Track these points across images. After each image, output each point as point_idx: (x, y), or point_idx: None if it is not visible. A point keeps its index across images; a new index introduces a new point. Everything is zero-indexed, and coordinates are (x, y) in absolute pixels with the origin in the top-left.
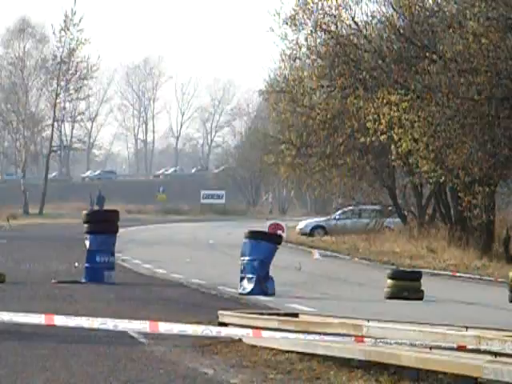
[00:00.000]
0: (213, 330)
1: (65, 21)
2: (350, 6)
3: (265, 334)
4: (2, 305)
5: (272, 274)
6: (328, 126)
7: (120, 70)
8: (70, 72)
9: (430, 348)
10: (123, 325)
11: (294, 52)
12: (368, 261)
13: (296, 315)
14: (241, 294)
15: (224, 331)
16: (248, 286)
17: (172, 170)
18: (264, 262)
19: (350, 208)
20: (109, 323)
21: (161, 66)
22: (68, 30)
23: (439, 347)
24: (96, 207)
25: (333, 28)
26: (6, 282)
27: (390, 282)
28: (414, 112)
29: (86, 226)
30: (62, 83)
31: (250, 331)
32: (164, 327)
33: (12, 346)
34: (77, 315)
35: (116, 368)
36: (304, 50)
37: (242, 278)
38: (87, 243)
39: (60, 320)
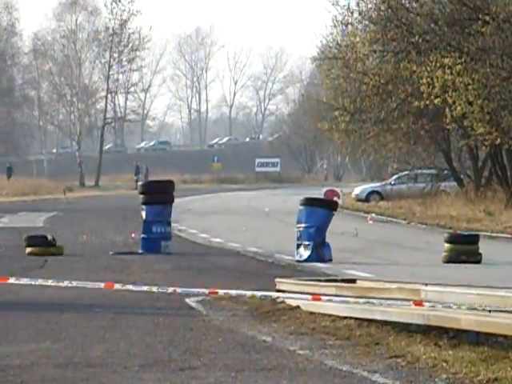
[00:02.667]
0: (272, 296)
1: None
2: None
3: (323, 299)
4: (61, 277)
5: (328, 240)
6: (381, 91)
7: (172, 40)
8: (123, 43)
9: (489, 311)
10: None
11: (346, 17)
12: (424, 225)
13: (353, 281)
14: (298, 261)
15: (282, 298)
16: (305, 253)
17: (226, 139)
18: (320, 228)
19: (406, 173)
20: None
21: (213, 36)
22: (119, 1)
23: (498, 310)
24: (139, 179)
25: None
26: (64, 255)
27: (447, 245)
28: (468, 74)
29: (141, 196)
30: (115, 55)
31: (308, 297)
32: (223, 292)
33: (71, 318)
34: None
35: (175, 338)
36: (356, 15)
37: (298, 245)
38: (143, 214)
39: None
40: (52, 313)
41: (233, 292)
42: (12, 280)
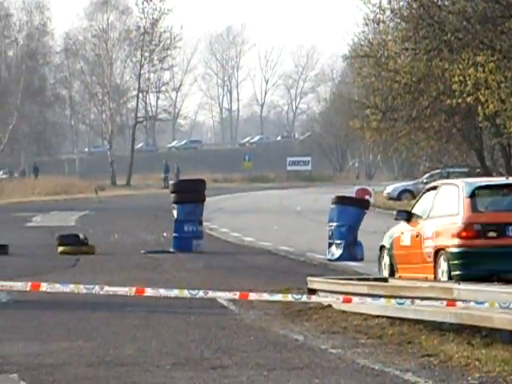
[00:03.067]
0: (303, 297)
1: None
2: None
3: (355, 299)
4: (92, 276)
5: (360, 239)
6: (413, 89)
7: (203, 39)
8: (154, 43)
9: None
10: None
11: (378, 15)
12: None
13: (385, 280)
14: (329, 260)
15: (314, 297)
16: (336, 251)
17: (257, 137)
18: (352, 227)
19: (438, 171)
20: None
21: (244, 34)
22: (151, 0)
23: None
24: (168, 177)
25: None
26: (96, 253)
27: None
28: (501, 72)
29: (173, 195)
30: (146, 54)
31: (340, 297)
32: (254, 296)
33: (103, 317)
34: (166, 284)
35: (207, 336)
36: (387, 13)
37: (330, 244)
38: (175, 213)
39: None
40: (84, 312)
41: (264, 296)
42: (44, 287)
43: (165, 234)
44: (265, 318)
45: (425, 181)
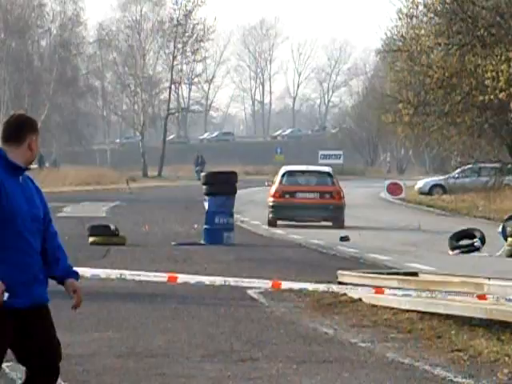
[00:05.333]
0: (333, 289)
1: None
2: None
3: (386, 292)
4: (123, 266)
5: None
6: (446, 84)
7: (236, 31)
8: (187, 34)
9: None
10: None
11: (411, 10)
12: (488, 219)
13: (416, 274)
14: None
15: (345, 290)
16: None
17: (289, 130)
18: None
19: (469, 166)
20: (230, 281)
21: (277, 27)
22: None
23: None
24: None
25: None
26: (127, 244)
27: (510, 239)
28: None
29: (204, 187)
30: (179, 46)
31: (371, 290)
32: (286, 285)
33: (133, 308)
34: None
35: (237, 328)
36: (421, 7)
37: None
38: (206, 205)
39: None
40: (114, 302)
41: (295, 285)
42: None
43: (195, 226)
44: (295, 311)
45: (456, 176)
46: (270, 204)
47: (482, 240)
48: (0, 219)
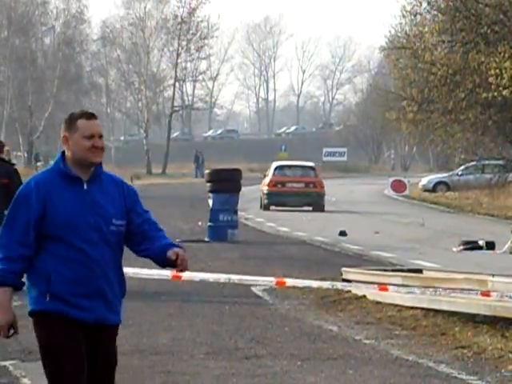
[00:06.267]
0: (338, 286)
1: None
2: None
3: (390, 289)
4: (128, 263)
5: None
6: (449, 81)
7: (240, 28)
8: (191, 32)
9: None
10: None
11: (415, 7)
12: (491, 216)
13: (420, 271)
14: None
15: (349, 287)
16: None
17: (293, 128)
18: None
19: (473, 163)
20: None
21: (281, 25)
22: None
23: None
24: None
25: None
26: None
27: None
28: None
29: (208, 185)
30: (183, 43)
31: (375, 287)
32: (290, 282)
33: (138, 306)
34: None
35: (241, 326)
36: (425, 5)
37: None
38: (210, 202)
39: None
40: None
41: (299, 283)
42: None
43: (200, 223)
44: (299, 308)
45: (460, 173)
46: (265, 192)
47: (490, 247)
48: (51, 231)
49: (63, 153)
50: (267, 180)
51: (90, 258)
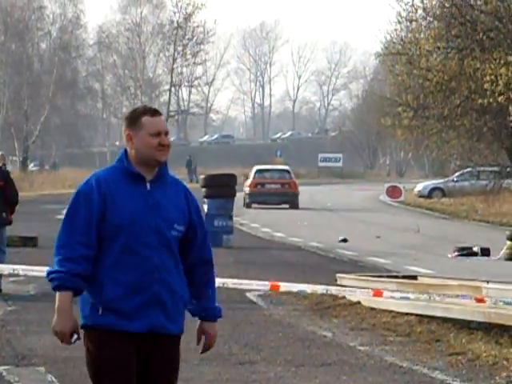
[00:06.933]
0: (332, 292)
1: None
2: None
3: (385, 295)
4: None
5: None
6: (445, 87)
7: (236, 34)
8: (187, 37)
9: None
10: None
11: (410, 14)
12: (486, 222)
13: (415, 277)
14: None
15: (343, 293)
16: None
17: (289, 133)
18: None
19: (468, 170)
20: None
21: (277, 30)
22: None
23: None
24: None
25: None
26: None
27: (509, 243)
28: None
29: (203, 190)
30: (179, 48)
31: (369, 292)
32: (284, 287)
33: None
34: None
35: (235, 332)
36: (420, 11)
37: None
38: (205, 207)
39: None
40: None
41: (293, 287)
42: None
43: None
44: (293, 314)
45: (455, 179)
46: (247, 192)
47: (485, 253)
48: (108, 232)
49: (126, 150)
50: (249, 182)
51: (147, 262)
